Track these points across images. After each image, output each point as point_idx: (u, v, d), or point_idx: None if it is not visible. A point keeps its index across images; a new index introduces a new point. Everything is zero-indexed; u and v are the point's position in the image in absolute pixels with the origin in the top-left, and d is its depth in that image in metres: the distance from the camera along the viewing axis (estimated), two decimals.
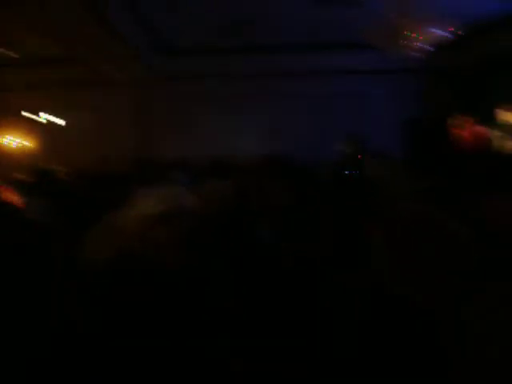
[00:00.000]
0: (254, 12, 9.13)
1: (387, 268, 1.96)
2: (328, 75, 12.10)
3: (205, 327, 2.18)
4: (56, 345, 2.08)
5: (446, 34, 6.46)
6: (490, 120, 8.80)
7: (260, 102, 12.24)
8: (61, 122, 12.57)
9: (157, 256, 2.23)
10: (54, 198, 4.84)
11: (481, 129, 8.73)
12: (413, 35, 6.28)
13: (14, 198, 6.05)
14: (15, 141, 13.22)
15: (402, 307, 1.83)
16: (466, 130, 9.32)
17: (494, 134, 8.39)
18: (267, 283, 2.60)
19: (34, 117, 12.32)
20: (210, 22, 9.67)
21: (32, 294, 2.22)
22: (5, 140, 13.16)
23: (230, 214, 3.30)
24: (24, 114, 12.37)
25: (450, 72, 12.01)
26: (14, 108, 12.64)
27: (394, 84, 12.16)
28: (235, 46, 11.17)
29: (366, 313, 2.07)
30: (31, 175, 6.98)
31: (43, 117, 12.50)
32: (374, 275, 2.17)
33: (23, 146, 13.21)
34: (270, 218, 3.73)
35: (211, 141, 11.95)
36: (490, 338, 1.58)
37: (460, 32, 6.53)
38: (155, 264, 2.22)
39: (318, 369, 1.99)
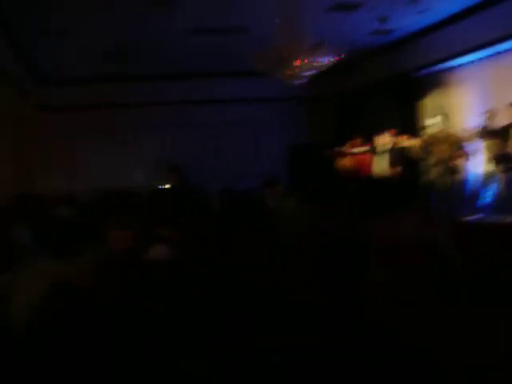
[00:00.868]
0: (139, 39, 8.95)
1: None
2: (217, 104, 12.15)
3: None
4: None
5: (329, 63, 6.66)
6: (369, 145, 9.19)
7: (149, 131, 12.02)
8: None
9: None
10: None
11: (362, 154, 9.12)
12: (297, 63, 6.41)
13: None
14: None
15: None
16: (347, 156, 9.71)
17: (376, 159, 8.77)
18: None
19: None
20: (93, 49, 9.38)
21: None
22: None
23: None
24: None
25: (333, 99, 12.48)
26: None
27: (281, 111, 12.42)
28: (120, 75, 10.99)
29: None
30: None
31: None
32: None
33: None
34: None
35: (99, 174, 11.54)
36: None
37: (341, 61, 6.76)
38: None
39: None
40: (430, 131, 8.09)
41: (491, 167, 7.11)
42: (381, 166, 8.52)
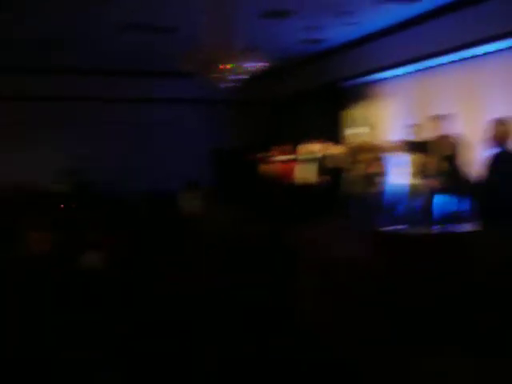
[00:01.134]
0: (62, 33, 8.67)
1: None
2: (141, 103, 11.92)
3: None
4: None
5: (258, 68, 6.66)
6: (296, 152, 9.26)
7: (67, 127, 11.55)
8: None
9: None
10: None
11: (288, 161, 9.17)
12: (225, 66, 6.38)
13: None
14: None
15: None
16: (273, 162, 9.76)
17: (301, 166, 8.84)
18: None
19: None
20: (15, 42, 9.03)
21: None
22: None
23: None
24: None
25: (263, 104, 12.54)
26: None
27: (208, 114, 12.32)
28: (41, 68, 10.61)
29: None
30: None
31: None
32: None
33: None
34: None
35: (8, 171, 10.96)
36: None
37: (272, 67, 6.78)
38: None
39: None
40: (354, 141, 8.24)
41: (415, 180, 7.28)
42: (307, 173, 8.59)
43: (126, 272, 2.92)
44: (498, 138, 3.81)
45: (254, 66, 6.48)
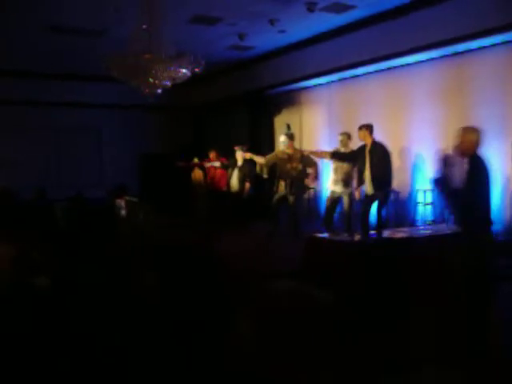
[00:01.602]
0: None
1: None
2: (63, 107, 11.55)
3: None
4: None
5: (187, 74, 6.58)
6: (223, 159, 9.23)
7: None
8: None
9: None
10: None
11: (214, 168, 9.13)
12: (154, 71, 6.27)
13: None
14: None
15: None
16: (199, 168, 9.71)
17: (227, 173, 8.83)
18: None
19: None
20: None
21: None
22: None
23: None
24: None
25: (189, 110, 12.47)
26: None
27: (132, 119, 12.13)
28: None
29: None
30: None
31: None
32: None
33: None
34: None
35: None
36: None
37: (199, 73, 6.72)
38: None
39: None
40: (278, 148, 8.29)
41: (338, 187, 7.39)
42: (233, 180, 8.58)
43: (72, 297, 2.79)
44: (466, 147, 3.89)
45: (183, 71, 6.40)
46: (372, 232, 6.18)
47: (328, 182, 7.90)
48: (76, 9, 7.39)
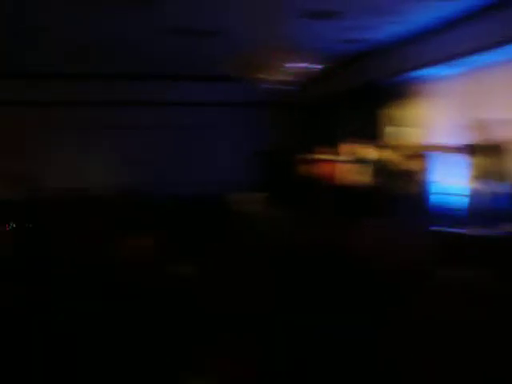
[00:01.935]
0: (103, 39, 8.75)
1: None
2: (181, 106, 11.96)
3: None
4: None
5: (301, 70, 6.60)
6: (338, 153, 9.16)
7: (111, 132, 11.73)
8: None
9: None
10: None
11: (332, 162, 9.07)
12: (271, 68, 6.34)
13: None
14: None
15: None
16: (315, 162, 9.67)
17: (345, 167, 8.75)
18: None
19: None
20: (56, 47, 9.13)
21: None
22: None
23: None
24: None
25: (301, 106, 12.45)
26: None
27: (246, 116, 12.32)
28: (82, 73, 10.72)
29: None
30: None
31: None
32: None
33: None
34: None
35: (60, 172, 11.22)
36: None
37: (313, 68, 6.71)
38: None
39: None
40: (401, 141, 8.10)
41: (475, 183, 7.05)
42: (354, 174, 8.47)
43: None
44: None
45: (301, 67, 6.41)
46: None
47: (459, 176, 7.56)
48: (192, 10, 7.57)
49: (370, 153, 8.08)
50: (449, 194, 7.42)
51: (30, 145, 11.58)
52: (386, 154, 7.89)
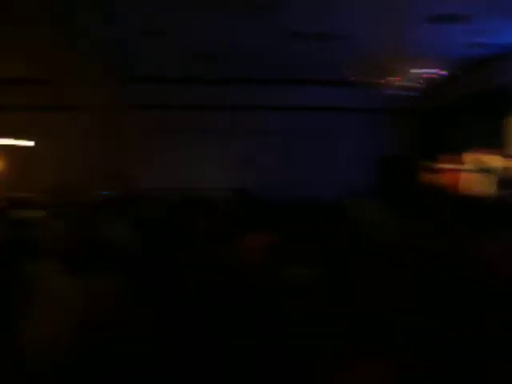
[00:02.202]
0: (228, 44, 9.01)
1: None
2: (301, 111, 12.06)
3: None
4: None
5: (425, 76, 6.46)
6: (462, 162, 8.83)
7: (229, 135, 12.04)
8: (24, 146, 12.11)
9: None
10: None
11: (455, 171, 8.75)
12: (395, 74, 6.26)
13: None
14: None
15: None
16: (439, 170, 9.37)
17: (467, 177, 8.42)
18: None
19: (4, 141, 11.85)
20: (183, 52, 9.50)
21: None
22: None
23: None
24: None
25: (421, 112, 12.14)
26: None
27: (367, 122, 12.20)
28: (211, 77, 11.06)
29: None
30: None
31: (7, 141, 12.01)
32: None
33: None
34: None
35: (176, 173, 11.68)
36: None
37: (437, 74, 6.54)
38: None
39: None
40: None
41: None
42: (480, 184, 8.12)
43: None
44: None
45: (427, 72, 6.28)
46: None
47: None
48: (316, 14, 7.60)
49: (496, 162, 7.72)
50: None
51: (145, 146, 12.14)
52: None
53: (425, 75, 6.52)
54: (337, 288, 2.96)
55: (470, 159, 8.35)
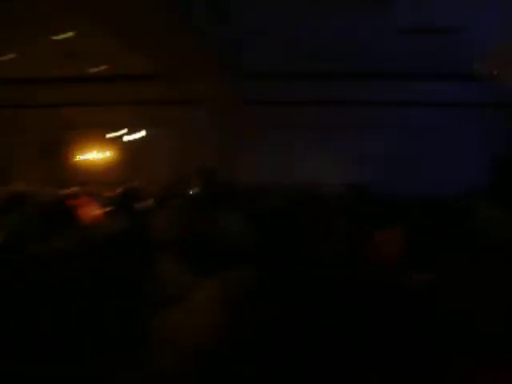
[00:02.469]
0: (343, 38, 8.93)
1: None
2: (419, 107, 11.75)
3: None
4: None
5: None
6: None
7: (344, 130, 11.97)
8: (140, 138, 12.66)
9: None
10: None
11: None
12: None
13: (97, 211, 6.05)
14: (97, 156, 13.48)
15: None
16: None
17: None
18: None
19: (116, 132, 12.48)
20: (300, 47, 9.52)
21: None
22: (88, 155, 13.44)
23: None
24: (108, 129, 12.56)
25: None
26: (97, 123, 12.91)
27: (485, 118, 11.68)
28: (324, 72, 11.01)
29: None
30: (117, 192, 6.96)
31: (125, 133, 12.63)
32: None
33: (105, 161, 13.44)
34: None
35: (290, 168, 11.77)
36: None
37: None
38: None
39: None
40: None
41: None
42: None
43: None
44: None
45: None
46: None
47: None
48: (435, 7, 7.37)
49: None
50: None
51: (260, 141, 12.33)
52: None
53: None
54: (460, 292, 2.84)
55: None
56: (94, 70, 10.29)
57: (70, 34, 8.19)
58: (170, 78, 10.44)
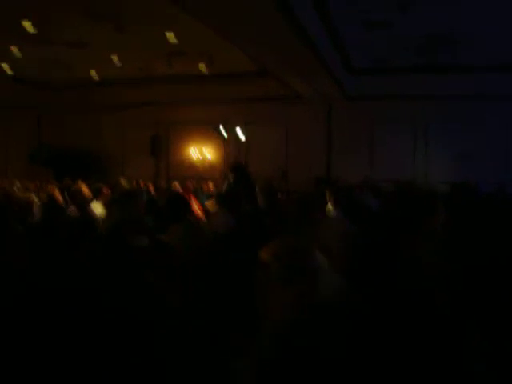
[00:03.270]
0: (451, 31, 8.66)
1: None
2: None
3: None
4: None
5: None
6: None
7: (451, 126, 11.62)
8: (243, 136, 12.80)
9: None
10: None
11: None
12: None
13: (195, 205, 6.21)
14: (200, 153, 13.80)
15: None
16: None
17: None
18: None
19: (219, 130, 12.70)
20: (405, 42, 9.34)
21: None
22: (190, 152, 13.79)
23: None
24: (211, 127, 12.80)
25: None
26: (199, 121, 13.26)
27: None
28: (429, 66, 10.72)
29: None
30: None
31: (228, 130, 12.81)
32: None
33: (206, 158, 13.74)
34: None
35: (394, 165, 11.59)
36: None
37: None
38: None
39: None
40: None
41: None
42: None
43: None
44: None
45: None
46: None
47: None
48: None
49: None
50: None
51: (366, 137, 12.22)
52: None
53: None
54: None
55: None
56: (202, 67, 10.53)
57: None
58: (277, 75, 10.55)
